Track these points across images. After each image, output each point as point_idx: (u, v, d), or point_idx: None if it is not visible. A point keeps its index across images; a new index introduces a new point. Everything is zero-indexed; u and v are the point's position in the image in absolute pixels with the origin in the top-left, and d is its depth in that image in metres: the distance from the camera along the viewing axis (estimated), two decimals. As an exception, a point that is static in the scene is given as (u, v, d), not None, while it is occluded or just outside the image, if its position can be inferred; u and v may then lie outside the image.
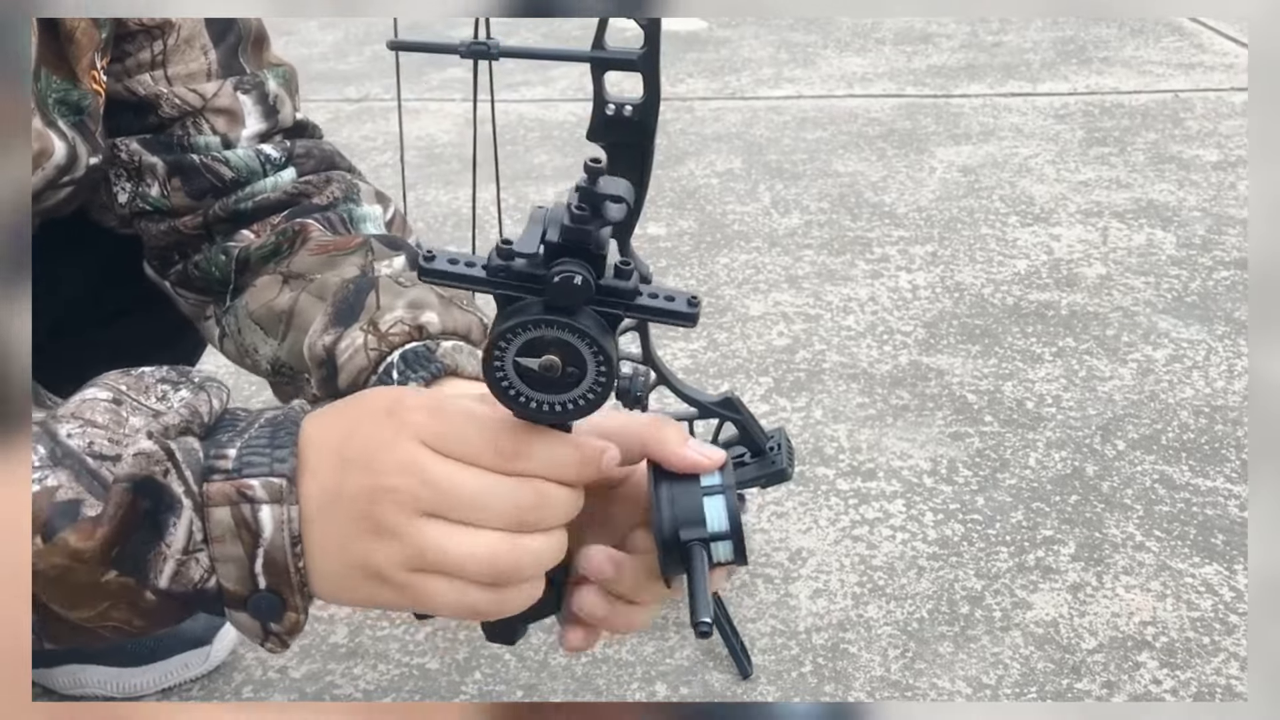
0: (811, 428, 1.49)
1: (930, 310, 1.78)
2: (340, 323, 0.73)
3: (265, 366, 0.79)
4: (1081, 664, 1.12)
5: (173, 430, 0.53)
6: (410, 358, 0.71)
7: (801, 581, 1.23)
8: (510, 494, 0.53)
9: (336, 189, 0.83)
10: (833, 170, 2.32)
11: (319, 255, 0.78)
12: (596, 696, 1.09)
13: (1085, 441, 1.46)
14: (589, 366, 0.52)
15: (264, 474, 0.53)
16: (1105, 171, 2.28)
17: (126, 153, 0.80)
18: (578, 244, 0.50)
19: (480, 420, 0.53)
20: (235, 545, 0.53)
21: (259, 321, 0.78)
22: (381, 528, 0.53)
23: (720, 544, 0.55)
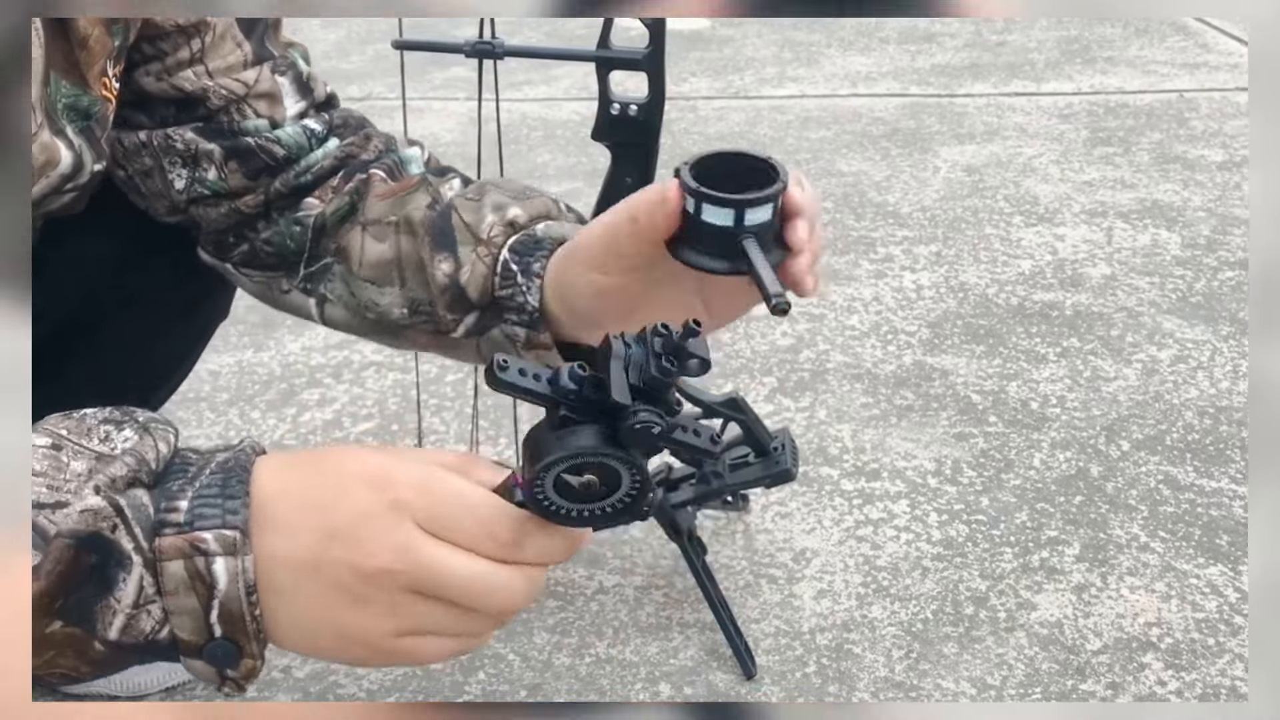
0: (815, 428, 1.49)
1: (934, 310, 1.78)
2: (442, 248, 0.78)
3: (396, 313, 0.81)
4: (1086, 665, 1.12)
5: (120, 481, 0.53)
6: (519, 247, 0.76)
7: (805, 582, 1.23)
8: (505, 583, 0.55)
9: (378, 143, 0.88)
10: (836, 170, 2.32)
11: (387, 199, 0.82)
12: (600, 697, 1.09)
13: (1090, 442, 1.45)
14: (621, 486, 0.55)
15: (216, 526, 0.53)
16: (1110, 171, 2.27)
17: (182, 142, 0.82)
18: (657, 394, 0.54)
19: (475, 507, 0.55)
20: (189, 597, 0.53)
21: (370, 278, 0.81)
22: (371, 603, 0.54)
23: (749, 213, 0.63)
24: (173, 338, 1.00)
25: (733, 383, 1.59)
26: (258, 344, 1.71)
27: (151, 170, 0.83)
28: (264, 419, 1.53)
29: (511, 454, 1.41)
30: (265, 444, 1.52)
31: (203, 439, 1.49)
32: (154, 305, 0.95)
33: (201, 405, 1.56)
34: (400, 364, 1.64)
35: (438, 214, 0.79)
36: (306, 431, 1.50)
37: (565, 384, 0.54)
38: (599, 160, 2.36)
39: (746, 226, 0.63)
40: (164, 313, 0.96)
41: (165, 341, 0.99)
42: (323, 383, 1.61)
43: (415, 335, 0.83)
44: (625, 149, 1.03)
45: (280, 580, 0.54)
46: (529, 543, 0.55)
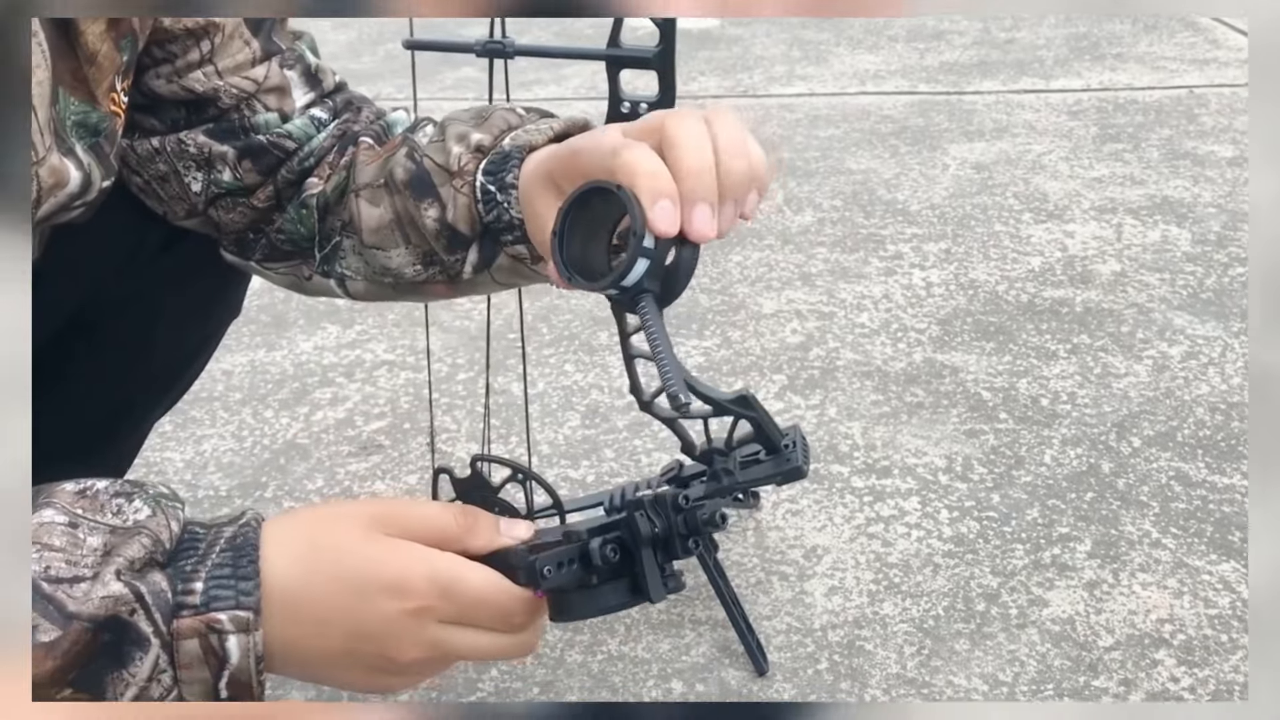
0: (826, 425, 1.49)
1: (944, 307, 1.78)
2: (424, 195, 0.79)
3: (409, 272, 0.83)
4: (1098, 661, 1.12)
5: (138, 563, 0.56)
6: (490, 169, 0.76)
7: (817, 579, 1.23)
8: (520, 645, 0.65)
9: (368, 113, 0.89)
10: (845, 168, 2.32)
11: (375, 163, 0.83)
12: (613, 694, 1.10)
13: (1101, 438, 1.45)
14: None
15: (230, 607, 0.57)
16: (1119, 168, 2.27)
17: (195, 145, 0.83)
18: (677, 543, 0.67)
19: (491, 602, 0.62)
20: (202, 670, 0.57)
21: (375, 244, 0.83)
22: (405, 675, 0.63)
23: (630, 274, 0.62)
24: (181, 337, 1.01)
25: (742, 380, 1.59)
26: (270, 343, 1.72)
27: (167, 175, 0.84)
28: (277, 418, 1.54)
29: (521, 452, 1.41)
30: (278, 444, 1.52)
31: (216, 438, 1.50)
32: (160, 306, 0.96)
33: (215, 404, 1.56)
34: (412, 363, 1.65)
35: (414, 167, 0.80)
36: (319, 430, 1.51)
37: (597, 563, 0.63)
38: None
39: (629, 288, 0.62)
40: (170, 313, 0.97)
41: (174, 341, 1.00)
42: (335, 381, 1.62)
43: (434, 288, 0.85)
44: (636, 147, 1.03)
45: (309, 661, 0.61)
46: (540, 616, 0.65)
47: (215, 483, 1.41)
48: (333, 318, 1.78)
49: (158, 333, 0.97)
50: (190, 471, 1.43)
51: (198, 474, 1.43)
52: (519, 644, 0.64)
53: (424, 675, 0.64)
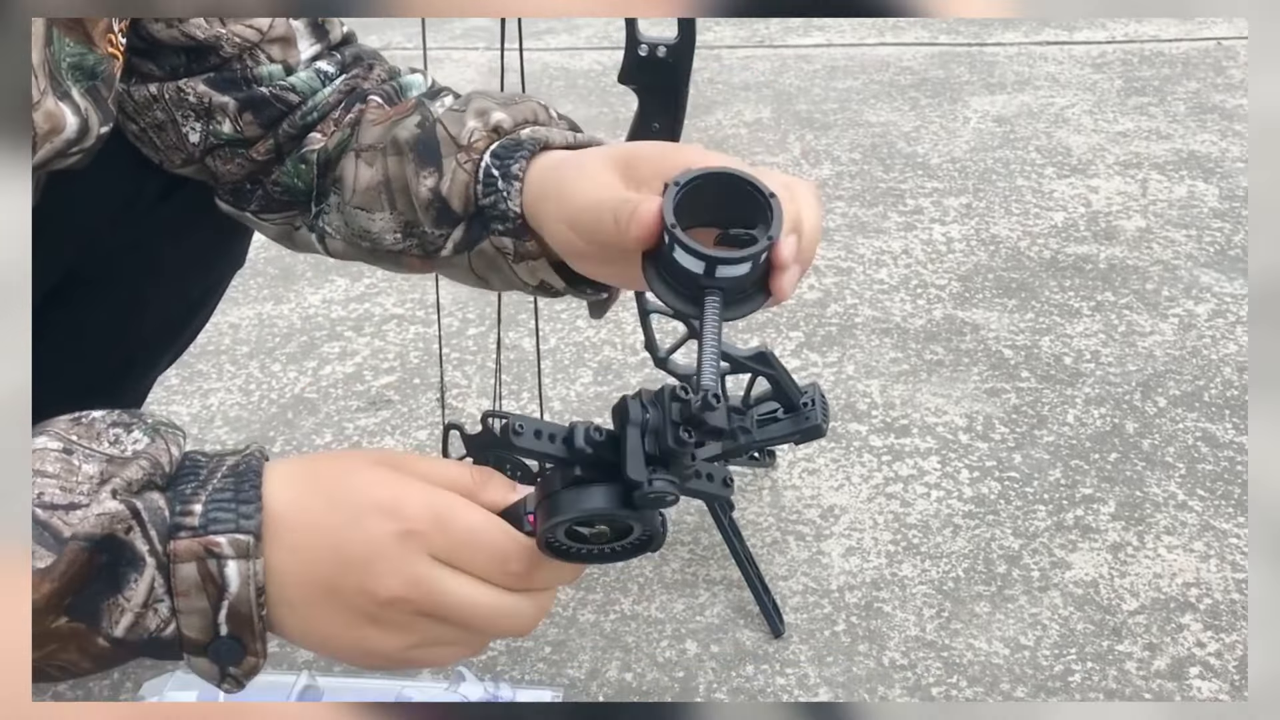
0: (843, 383, 1.46)
1: (965, 263, 1.74)
2: (427, 163, 0.75)
3: (389, 239, 0.79)
4: (1122, 625, 1.09)
5: (135, 484, 0.54)
6: (500, 151, 0.72)
7: (834, 539, 1.21)
8: (514, 609, 0.57)
9: (380, 71, 0.85)
10: (864, 120, 2.27)
11: (381, 124, 0.79)
12: (625, 654, 1.08)
13: (1125, 398, 1.42)
14: (634, 533, 0.56)
15: (230, 530, 0.54)
16: (1145, 122, 2.22)
17: (194, 94, 0.79)
18: (673, 461, 0.54)
19: (487, 541, 0.56)
20: (200, 598, 0.54)
21: (361, 205, 0.79)
22: (385, 623, 0.56)
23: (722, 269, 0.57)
24: (182, 288, 0.98)
25: (758, 337, 1.56)
26: (277, 296, 1.69)
27: (164, 124, 0.81)
28: (285, 372, 1.52)
29: (534, 408, 1.38)
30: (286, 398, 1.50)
31: (223, 392, 1.48)
32: (159, 256, 0.93)
33: (222, 358, 1.54)
34: (422, 317, 1.62)
35: (422, 133, 0.76)
36: (328, 384, 1.49)
37: (580, 445, 0.55)
38: (621, 110, 2.33)
39: (718, 279, 0.58)
40: (170, 263, 0.94)
41: (174, 292, 0.97)
42: (344, 335, 1.59)
43: (409, 260, 0.81)
44: (652, 93, 0.99)
45: (291, 595, 0.55)
46: (540, 572, 0.57)
47: (222, 437, 1.39)
48: (341, 270, 1.75)
49: (158, 283, 0.94)
50: (197, 425, 1.41)
51: (204, 428, 1.41)
52: (516, 607, 0.57)
53: (405, 636, 0.56)
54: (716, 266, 0.57)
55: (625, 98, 2.37)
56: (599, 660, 1.07)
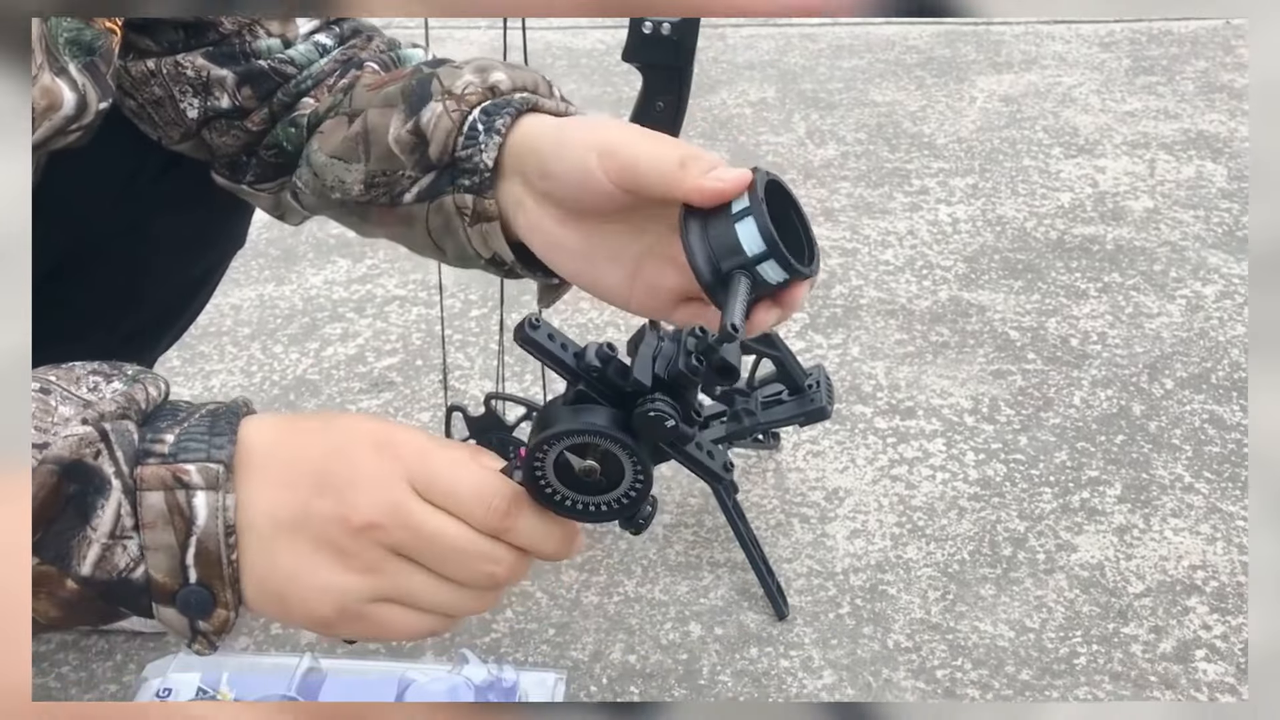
0: (848, 365, 1.45)
1: (971, 244, 1.73)
2: (415, 110, 0.72)
3: (357, 189, 0.76)
4: (1128, 608, 1.09)
5: (109, 416, 0.52)
6: (490, 109, 0.70)
7: (839, 521, 1.20)
8: (488, 554, 0.54)
9: (379, 42, 0.83)
10: (870, 99, 2.25)
11: (375, 90, 0.77)
12: (629, 636, 1.07)
13: (1132, 380, 1.41)
14: (623, 483, 0.54)
15: (200, 459, 0.52)
16: (1153, 101, 2.20)
17: (193, 69, 0.78)
18: (679, 390, 0.52)
19: (472, 473, 0.54)
20: (167, 532, 0.51)
21: (336, 155, 0.76)
22: (352, 557, 0.53)
23: (765, 265, 0.56)
24: (183, 267, 0.98)
25: (763, 318, 1.55)
26: (279, 277, 1.68)
27: (162, 100, 0.80)
28: (286, 353, 1.51)
29: (537, 390, 1.38)
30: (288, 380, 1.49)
31: (225, 373, 1.47)
32: (158, 234, 0.92)
33: (223, 339, 1.53)
34: (424, 298, 1.61)
35: (415, 82, 0.73)
36: (329, 366, 1.48)
37: (590, 361, 0.53)
38: (625, 89, 2.31)
39: (756, 270, 0.56)
40: (170, 242, 0.94)
41: (175, 271, 0.96)
42: (345, 317, 1.59)
43: (375, 211, 0.78)
44: (657, 71, 0.98)
45: (262, 527, 0.53)
46: (521, 520, 0.54)
47: (224, 419, 1.39)
48: (343, 251, 1.74)
49: (158, 262, 0.93)
50: (199, 407, 1.41)
51: (207, 410, 1.40)
52: (492, 552, 0.54)
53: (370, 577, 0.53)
54: (767, 260, 0.56)
55: (629, 76, 2.36)
56: (602, 642, 1.07)
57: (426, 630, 0.55)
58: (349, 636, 0.57)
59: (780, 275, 0.56)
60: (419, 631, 0.55)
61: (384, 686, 0.98)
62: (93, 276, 0.91)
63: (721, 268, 0.56)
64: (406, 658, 1.05)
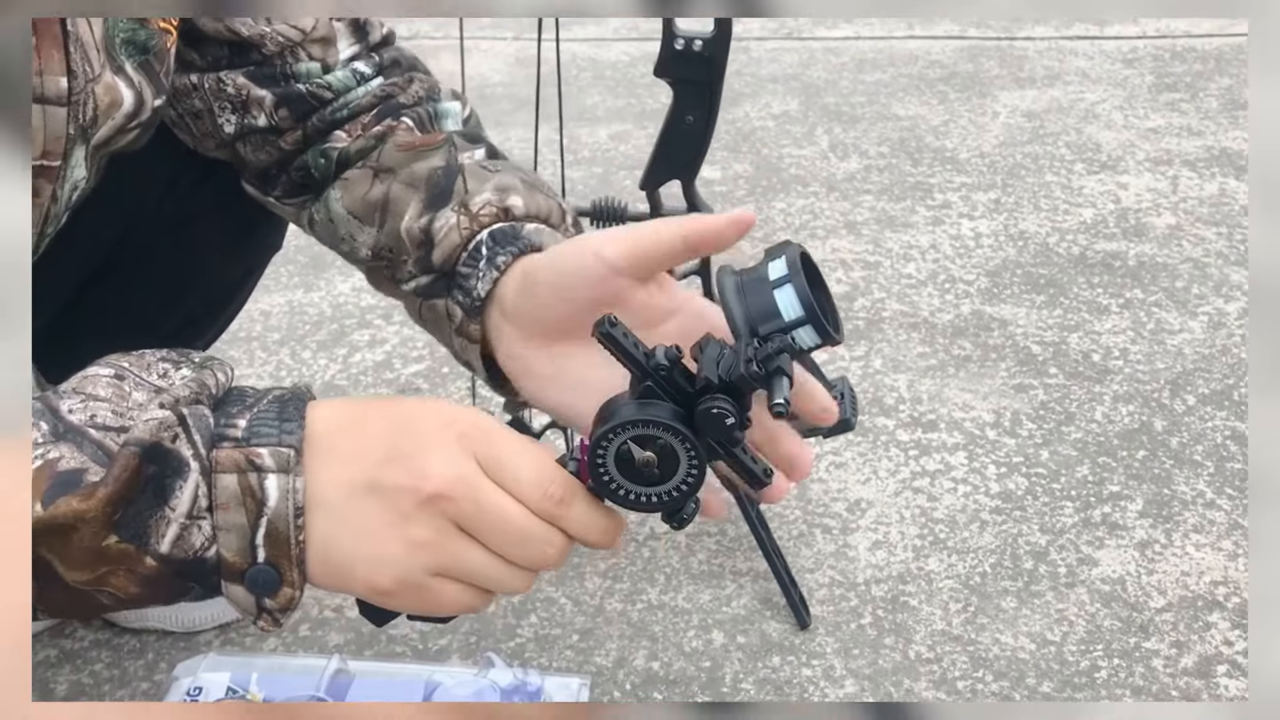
0: (871, 377, 1.46)
1: (993, 259, 1.74)
2: (434, 206, 0.76)
3: (364, 253, 0.81)
4: (1150, 623, 1.09)
5: (183, 401, 0.55)
6: (499, 235, 0.73)
7: (860, 533, 1.21)
8: (544, 537, 0.57)
9: (419, 88, 0.85)
10: (892, 114, 2.26)
11: (406, 151, 0.80)
12: (652, 643, 1.08)
13: (1154, 396, 1.42)
14: (676, 476, 0.57)
15: (273, 444, 0.54)
16: (1176, 118, 2.20)
17: (233, 86, 0.81)
18: (739, 392, 0.56)
19: (534, 459, 0.57)
20: (239, 513, 0.54)
21: (354, 213, 0.80)
22: (417, 527, 0.55)
23: (801, 330, 0.58)
24: (223, 268, 1.00)
25: (786, 330, 1.56)
26: (308, 284, 1.70)
27: (201, 113, 0.82)
28: (315, 359, 1.53)
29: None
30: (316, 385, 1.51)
31: (254, 378, 1.49)
32: (201, 235, 0.94)
33: (253, 345, 1.56)
34: (450, 306, 1.63)
35: (442, 173, 0.77)
36: (358, 372, 1.50)
37: (659, 360, 0.56)
38: (648, 102, 2.33)
39: (790, 334, 0.58)
40: (211, 242, 0.96)
41: (215, 271, 0.98)
42: (373, 324, 1.61)
43: (373, 275, 0.83)
44: (688, 86, 1.00)
45: (330, 497, 0.55)
46: (575, 508, 0.57)
47: (254, 423, 1.41)
48: (370, 259, 1.76)
49: (198, 265, 0.96)
50: (229, 411, 1.43)
51: (236, 414, 1.42)
52: (546, 535, 0.56)
53: (430, 552, 0.55)
54: (805, 325, 0.58)
55: (653, 89, 2.38)
56: (626, 649, 1.08)
57: (473, 606, 0.58)
58: (402, 608, 0.59)
59: (814, 340, 0.59)
60: (467, 607, 0.58)
61: (411, 689, 1.00)
62: (134, 278, 0.94)
63: (759, 331, 0.58)
64: (433, 661, 1.06)
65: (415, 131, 0.81)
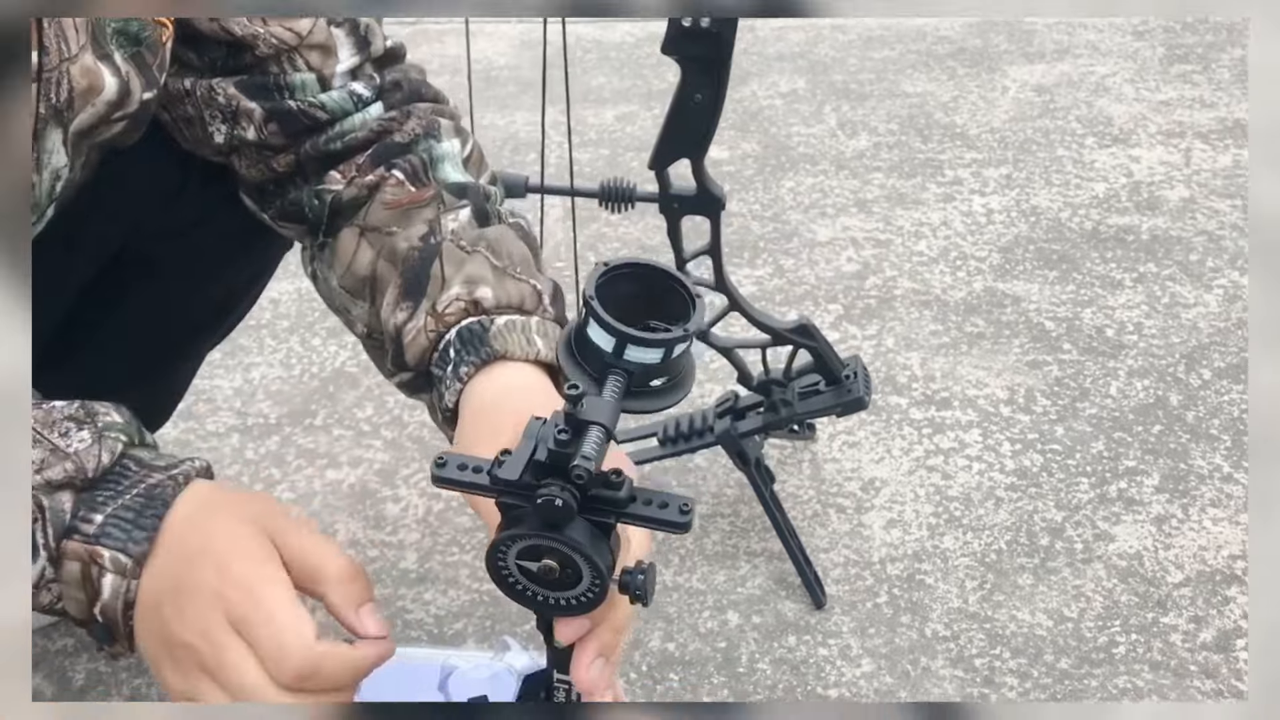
0: (883, 356, 1.46)
1: (1005, 235, 1.72)
2: (409, 296, 0.77)
3: (360, 328, 0.83)
4: (1167, 598, 1.09)
5: (54, 484, 0.59)
6: (465, 336, 0.74)
7: (875, 512, 1.21)
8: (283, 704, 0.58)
9: (417, 125, 0.83)
10: (901, 90, 2.24)
11: (393, 210, 0.80)
12: (667, 624, 1.08)
13: (1169, 370, 1.41)
14: (584, 571, 0.56)
15: (117, 549, 0.59)
16: (1188, 90, 2.18)
17: (224, 96, 0.79)
18: (560, 466, 0.54)
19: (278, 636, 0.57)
20: (79, 592, 0.60)
21: (346, 288, 0.82)
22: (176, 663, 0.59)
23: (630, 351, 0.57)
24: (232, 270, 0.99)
25: (796, 311, 1.55)
26: (316, 271, 1.70)
27: (193, 119, 0.81)
28: (325, 345, 1.53)
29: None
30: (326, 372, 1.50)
31: (265, 366, 1.49)
32: (209, 235, 0.93)
33: (263, 332, 1.55)
34: (459, 291, 1.62)
35: (419, 254, 0.77)
36: (367, 359, 1.49)
37: (496, 471, 0.56)
38: (654, 82, 2.32)
39: (626, 360, 0.56)
40: (219, 246, 0.94)
41: (224, 274, 0.97)
42: (382, 310, 1.60)
43: (366, 351, 0.85)
44: (696, 64, 0.99)
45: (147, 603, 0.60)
46: (316, 679, 0.58)
47: (265, 410, 1.41)
48: (379, 245, 1.75)
49: (207, 267, 0.95)
50: (239, 399, 1.43)
51: (247, 402, 1.42)
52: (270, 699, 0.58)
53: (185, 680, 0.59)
54: (627, 346, 0.56)
55: (660, 69, 2.36)
56: (641, 630, 1.08)
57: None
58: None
59: (652, 354, 0.57)
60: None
61: (427, 673, 0.99)
62: (143, 280, 0.93)
63: (595, 374, 0.57)
64: (448, 645, 1.06)
65: (406, 185, 0.80)
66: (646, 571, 0.58)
